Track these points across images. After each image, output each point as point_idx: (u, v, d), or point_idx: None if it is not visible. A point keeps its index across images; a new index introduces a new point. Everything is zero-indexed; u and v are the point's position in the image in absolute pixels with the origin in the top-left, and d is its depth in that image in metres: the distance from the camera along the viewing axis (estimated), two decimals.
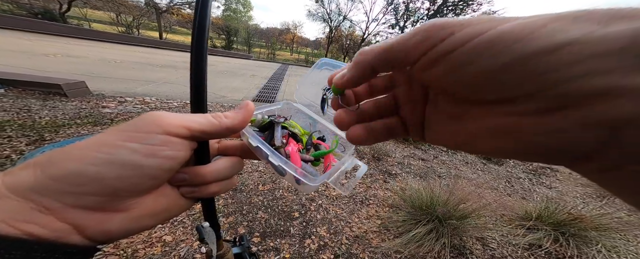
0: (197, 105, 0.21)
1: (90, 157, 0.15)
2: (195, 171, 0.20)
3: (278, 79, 7.67)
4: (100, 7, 19.61)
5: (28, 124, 2.06)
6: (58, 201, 0.14)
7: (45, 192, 0.14)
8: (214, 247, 0.29)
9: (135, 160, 0.15)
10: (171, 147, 0.17)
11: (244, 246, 0.37)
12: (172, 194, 0.19)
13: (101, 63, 5.47)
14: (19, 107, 2.34)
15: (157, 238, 1.22)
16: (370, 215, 1.68)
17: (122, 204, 0.16)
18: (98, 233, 0.15)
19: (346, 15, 25.20)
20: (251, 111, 0.21)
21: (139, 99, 3.26)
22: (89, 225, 0.15)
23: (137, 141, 0.16)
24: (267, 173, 2.00)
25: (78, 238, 0.15)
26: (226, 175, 0.22)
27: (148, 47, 11.61)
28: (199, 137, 0.19)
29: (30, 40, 6.91)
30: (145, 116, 0.17)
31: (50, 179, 0.14)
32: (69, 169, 0.14)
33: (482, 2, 15.55)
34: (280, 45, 42.75)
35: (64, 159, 0.15)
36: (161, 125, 0.17)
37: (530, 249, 1.44)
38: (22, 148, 1.72)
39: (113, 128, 0.16)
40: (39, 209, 0.14)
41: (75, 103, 2.71)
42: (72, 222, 0.15)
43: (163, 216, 0.19)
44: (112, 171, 0.15)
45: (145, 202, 0.17)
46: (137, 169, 0.16)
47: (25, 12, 12.69)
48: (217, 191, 0.21)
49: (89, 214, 0.15)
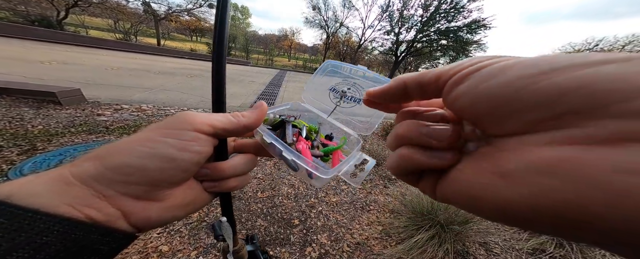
0: (218, 106, 0.23)
1: (136, 150, 0.17)
2: (216, 166, 0.22)
3: (276, 84, 7.72)
4: (98, 14, 19.69)
5: (20, 133, 2.01)
6: (112, 189, 0.16)
7: (102, 181, 0.16)
8: (230, 242, 0.29)
9: (171, 153, 0.18)
10: (199, 143, 0.19)
11: (255, 244, 0.38)
12: (197, 187, 0.21)
13: (98, 70, 5.44)
14: (11, 116, 2.29)
15: (153, 248, 1.18)
16: (371, 221, 1.66)
17: (159, 194, 0.18)
18: (140, 219, 0.18)
19: (343, 22, 25.76)
20: (265, 110, 0.23)
21: (135, 106, 3.23)
22: (134, 211, 0.17)
23: (173, 137, 0.18)
24: (266, 180, 1.97)
25: (124, 223, 0.17)
26: (242, 171, 0.24)
27: (146, 54, 11.63)
28: (221, 134, 0.21)
29: (26, 48, 6.86)
30: (178, 115, 0.19)
31: (106, 169, 0.16)
32: (121, 161, 0.17)
33: (472, 10, 16.11)
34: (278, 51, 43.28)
35: (117, 152, 0.17)
36: (192, 123, 0.19)
37: (534, 254, 1.42)
38: (13, 158, 1.68)
39: (153, 125, 0.19)
40: (97, 195, 0.16)
41: (70, 111, 2.67)
42: (121, 208, 0.17)
43: (190, 207, 0.21)
44: (153, 163, 0.17)
45: (176, 194, 0.19)
46: (172, 161, 0.18)
47: (22, 19, 12.66)
48: (234, 186, 0.23)
49: (134, 201, 0.17)
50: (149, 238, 1.23)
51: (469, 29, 16.52)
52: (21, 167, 1.58)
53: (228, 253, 0.30)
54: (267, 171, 2.11)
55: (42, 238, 0.14)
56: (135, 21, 20.74)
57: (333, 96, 0.32)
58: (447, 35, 17.31)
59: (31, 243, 0.13)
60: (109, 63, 6.64)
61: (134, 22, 20.69)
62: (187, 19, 24.52)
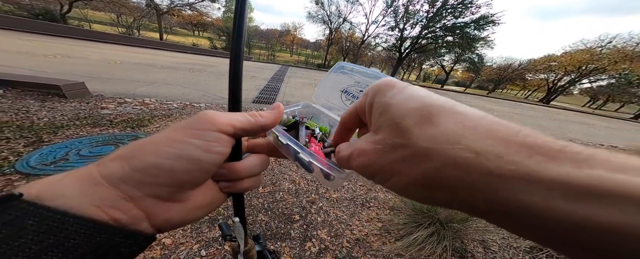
0: (234, 105, 0.23)
1: (164, 152, 0.17)
2: (231, 166, 0.22)
3: (278, 80, 7.69)
4: (101, 8, 19.67)
5: (26, 125, 2.05)
6: (139, 190, 0.16)
7: (130, 182, 0.16)
8: (242, 242, 0.29)
9: (197, 155, 0.17)
10: (221, 144, 0.19)
11: (262, 244, 0.38)
12: (214, 188, 0.21)
13: (101, 64, 5.47)
14: (17, 108, 2.33)
15: (156, 241, 1.21)
16: (371, 218, 1.67)
17: (182, 196, 0.18)
18: (163, 221, 0.18)
19: (346, 17, 25.36)
20: (282, 111, 0.24)
21: (138, 100, 3.25)
22: (157, 213, 0.17)
23: (198, 138, 0.18)
24: (267, 175, 1.99)
25: (147, 225, 0.17)
26: (256, 171, 0.23)
27: (148, 48, 11.63)
28: (239, 134, 0.21)
29: (30, 41, 6.91)
30: (201, 115, 0.19)
31: (133, 170, 0.16)
32: (149, 162, 0.16)
33: (480, 5, 15.71)
34: (281, 47, 42.91)
35: (144, 153, 0.17)
36: (215, 124, 0.19)
37: (531, 252, 1.43)
38: (20, 150, 1.71)
39: (175, 125, 0.18)
40: (124, 197, 0.16)
41: (74, 104, 2.70)
42: (145, 209, 0.17)
43: (208, 208, 0.21)
44: (181, 165, 0.17)
45: (196, 195, 0.19)
46: (198, 163, 0.18)
47: (26, 13, 12.70)
48: (248, 187, 0.23)
49: (159, 203, 0.17)
50: None
51: (477, 25, 16.13)
52: (28, 158, 1.62)
53: (239, 253, 0.29)
54: (268, 166, 2.13)
55: (70, 240, 0.13)
56: (138, 15, 20.66)
57: (345, 98, 0.32)
58: (453, 31, 16.94)
59: (59, 246, 0.13)
60: (112, 57, 6.66)
61: (137, 16, 20.62)
62: (189, 13, 24.35)
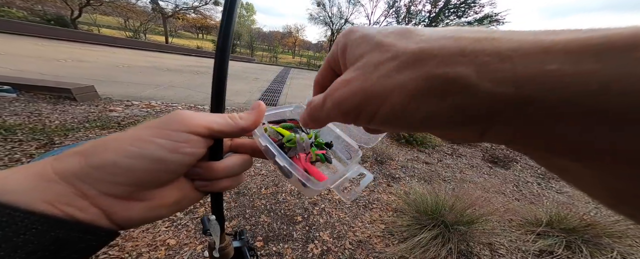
0: (217, 106, 0.22)
1: (125, 150, 0.16)
2: (209, 166, 0.21)
3: (281, 82, 7.73)
4: (109, 12, 20.21)
5: (38, 127, 2.12)
6: (94, 188, 0.16)
7: (85, 179, 0.15)
8: (217, 239, 0.29)
9: (161, 155, 0.17)
10: (192, 145, 0.18)
11: (243, 240, 0.38)
12: (187, 186, 0.21)
13: (110, 68, 5.61)
14: (30, 111, 2.41)
15: (161, 242, 1.23)
16: (374, 219, 1.66)
17: (143, 195, 0.18)
18: (122, 219, 0.17)
19: (348, 18, 25.34)
20: (263, 111, 0.23)
21: (144, 103, 3.32)
22: (116, 211, 0.17)
23: (164, 137, 0.17)
24: (270, 176, 2.00)
25: (106, 222, 0.16)
26: (236, 172, 0.23)
27: (154, 51, 11.88)
28: (217, 136, 0.20)
29: (43, 46, 7.15)
30: (173, 115, 0.19)
31: (90, 167, 0.16)
32: (107, 160, 0.16)
33: (484, 4, 15.47)
34: (283, 48, 43.16)
35: (104, 150, 0.16)
36: (186, 124, 0.18)
37: (541, 256, 1.39)
38: (32, 151, 1.77)
39: (145, 124, 0.18)
40: (79, 194, 0.15)
41: (84, 107, 2.78)
42: (102, 207, 0.16)
43: (176, 207, 0.20)
44: (141, 164, 0.16)
45: (162, 193, 0.19)
46: (161, 163, 0.17)
47: (39, 18, 13.16)
48: (226, 186, 0.23)
49: (116, 202, 0.16)
50: (157, 232, 1.28)
51: (480, 24, 15.88)
52: (39, 160, 1.67)
53: (214, 249, 0.30)
54: (270, 167, 2.14)
55: (20, 235, 0.13)
56: (144, 19, 21.15)
57: None
58: None
59: (8, 241, 0.13)
60: (120, 60, 6.83)
61: (143, 20, 21.11)
62: (194, 17, 24.76)
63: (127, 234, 1.22)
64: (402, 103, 0.11)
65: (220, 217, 0.28)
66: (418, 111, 0.11)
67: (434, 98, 0.10)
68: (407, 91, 0.11)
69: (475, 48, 0.10)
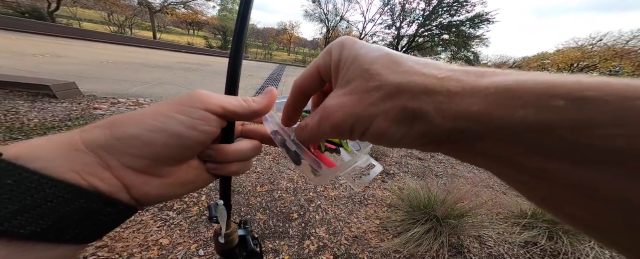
0: (231, 89, 0.23)
1: (147, 123, 0.17)
2: (220, 148, 0.22)
3: (275, 79, 7.65)
4: (91, 6, 19.13)
5: (16, 126, 1.99)
6: (117, 160, 0.16)
7: (109, 150, 0.16)
8: (223, 225, 0.29)
9: (180, 130, 0.18)
10: (207, 123, 0.19)
11: (247, 229, 0.38)
12: (200, 167, 0.22)
13: (92, 63, 5.34)
14: (5, 109, 2.26)
15: (154, 241, 1.20)
16: (369, 215, 1.69)
17: (161, 170, 0.18)
18: (141, 194, 0.18)
19: (343, 15, 25.32)
20: (275, 97, 0.23)
21: (132, 100, 3.19)
22: (135, 185, 0.17)
23: (184, 114, 0.18)
24: (265, 174, 1.98)
25: (126, 196, 0.17)
26: (246, 156, 0.23)
27: (141, 47, 11.40)
28: (230, 117, 0.21)
29: (17, 40, 6.69)
30: (192, 93, 0.20)
31: (115, 139, 0.16)
32: (130, 132, 0.17)
33: (475, 3, 15.86)
34: (277, 45, 42.59)
35: (127, 123, 0.17)
36: (204, 102, 0.19)
37: (525, 247, 1.46)
38: None
39: (166, 100, 0.19)
40: (102, 164, 0.16)
41: (66, 104, 2.63)
42: (123, 180, 0.17)
43: (190, 186, 0.21)
44: (161, 138, 0.17)
45: (178, 171, 0.20)
46: (178, 138, 0.18)
47: (12, 11, 12.28)
48: (236, 171, 0.23)
49: (136, 175, 0.17)
50: (149, 232, 1.25)
51: (472, 23, 16.31)
52: None
53: (219, 234, 0.30)
54: (266, 165, 2.12)
55: (48, 202, 0.13)
56: (130, 14, 20.19)
57: None
58: (449, 29, 17.10)
59: (36, 207, 0.13)
60: (104, 56, 6.51)
61: (129, 14, 20.15)
62: (184, 12, 23.92)
63: (116, 235, 1.17)
64: (384, 126, 0.14)
65: (228, 203, 0.28)
66: (396, 133, 0.14)
67: (406, 125, 0.14)
68: (389, 117, 0.14)
69: (435, 88, 0.13)
